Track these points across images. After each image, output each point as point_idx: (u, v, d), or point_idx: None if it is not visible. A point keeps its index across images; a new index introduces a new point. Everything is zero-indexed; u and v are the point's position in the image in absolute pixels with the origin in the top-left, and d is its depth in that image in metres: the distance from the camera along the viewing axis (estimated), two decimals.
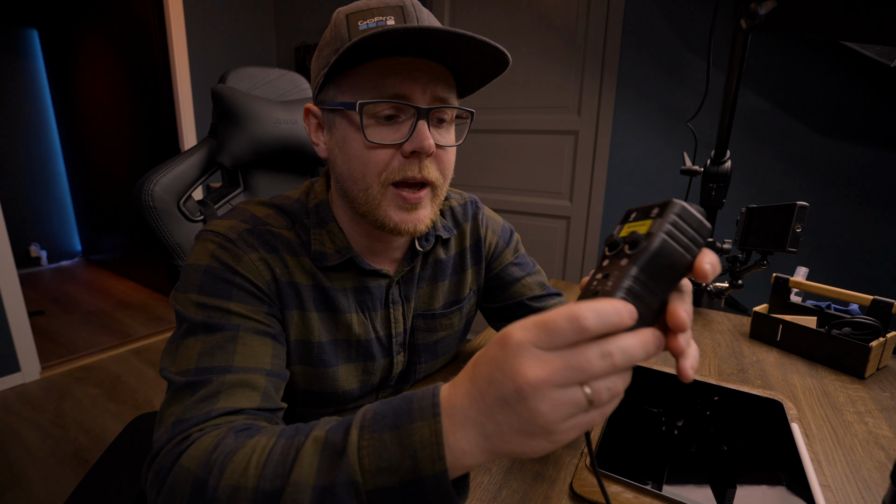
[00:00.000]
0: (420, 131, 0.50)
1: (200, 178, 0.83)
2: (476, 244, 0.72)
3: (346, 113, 0.52)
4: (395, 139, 0.51)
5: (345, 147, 0.53)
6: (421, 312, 0.67)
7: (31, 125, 3.64)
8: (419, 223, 0.54)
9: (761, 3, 0.86)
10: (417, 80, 0.50)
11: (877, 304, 0.81)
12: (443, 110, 0.53)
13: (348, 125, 0.52)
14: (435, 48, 0.49)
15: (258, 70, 0.95)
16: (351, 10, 0.52)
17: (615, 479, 0.50)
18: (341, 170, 0.54)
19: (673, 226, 0.30)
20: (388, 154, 0.51)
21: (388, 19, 0.50)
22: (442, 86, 0.52)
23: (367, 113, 0.50)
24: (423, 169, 0.52)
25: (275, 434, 0.38)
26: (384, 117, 0.51)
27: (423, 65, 0.51)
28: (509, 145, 2.29)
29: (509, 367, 0.28)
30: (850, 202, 1.64)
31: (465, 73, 0.55)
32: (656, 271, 0.30)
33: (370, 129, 0.51)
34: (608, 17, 1.93)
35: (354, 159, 0.52)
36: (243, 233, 0.54)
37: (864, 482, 0.52)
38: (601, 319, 0.27)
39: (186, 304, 0.49)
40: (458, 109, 0.55)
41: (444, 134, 0.55)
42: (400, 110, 0.51)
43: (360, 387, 0.63)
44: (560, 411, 0.28)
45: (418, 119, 0.50)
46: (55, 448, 1.72)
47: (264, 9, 2.95)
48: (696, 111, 1.16)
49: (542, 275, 0.78)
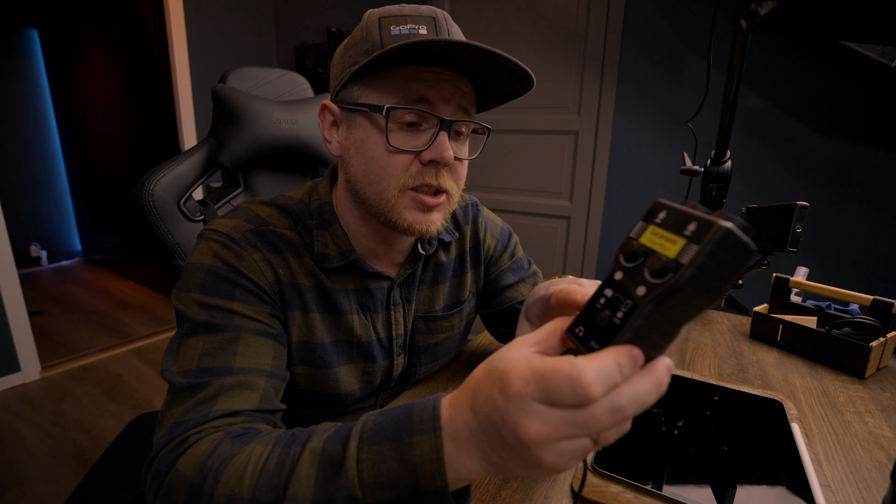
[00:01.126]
0: (440, 142, 0.51)
1: (201, 177, 0.83)
2: (475, 247, 0.73)
3: (370, 115, 0.52)
4: (415, 146, 0.51)
5: (363, 148, 0.53)
6: (421, 315, 0.67)
7: (31, 125, 3.64)
8: (432, 225, 0.55)
9: (761, 3, 0.86)
10: (443, 90, 0.51)
11: (877, 304, 0.81)
12: (462, 123, 0.54)
13: (370, 127, 0.52)
14: (464, 62, 0.50)
15: (258, 70, 0.95)
16: (384, 14, 0.52)
17: (615, 479, 0.50)
18: (356, 170, 0.54)
19: (709, 257, 0.23)
20: (407, 160, 0.52)
21: (420, 28, 0.51)
22: (466, 99, 0.53)
23: (392, 118, 0.51)
24: (439, 177, 0.53)
25: (271, 441, 0.38)
26: (407, 123, 0.51)
27: (450, 76, 0.51)
28: (509, 145, 2.29)
29: (510, 418, 0.27)
30: (850, 202, 1.64)
31: (487, 90, 0.56)
32: (677, 308, 0.25)
33: (393, 134, 0.51)
34: (608, 17, 1.93)
35: (373, 162, 0.52)
36: (247, 233, 0.54)
37: (864, 482, 0.52)
38: (606, 382, 0.25)
39: (189, 303, 0.49)
40: (476, 124, 0.56)
41: (460, 147, 0.56)
42: (423, 118, 0.51)
43: (360, 387, 0.63)
44: (565, 457, 0.27)
45: (440, 129, 0.51)
46: (55, 448, 1.72)
47: (264, 9, 2.95)
48: (696, 111, 1.16)
49: (536, 276, 0.77)
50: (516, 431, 0.27)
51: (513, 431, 0.27)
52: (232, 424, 0.43)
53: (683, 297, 0.24)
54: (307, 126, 0.92)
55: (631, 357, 0.26)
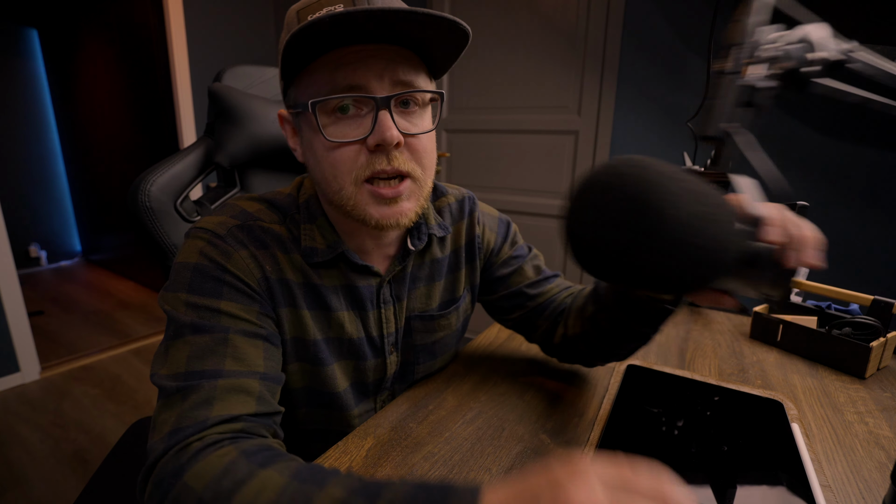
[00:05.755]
0: (382, 122, 0.47)
1: (197, 177, 0.82)
2: (470, 242, 0.70)
3: (306, 114, 0.49)
4: (357, 135, 0.48)
5: (312, 149, 0.51)
6: (418, 314, 0.66)
7: (30, 125, 3.64)
8: (402, 217, 0.51)
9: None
10: (371, 67, 0.47)
11: (877, 304, 0.80)
12: (410, 95, 0.49)
13: (310, 127, 0.50)
14: (384, 31, 0.45)
15: (254, 69, 0.95)
16: (301, 6, 0.49)
17: None
18: (314, 172, 0.53)
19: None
20: (353, 151, 0.49)
21: (336, 7, 0.46)
22: (403, 69, 0.48)
23: (323, 111, 0.48)
24: (392, 160, 0.49)
25: (288, 472, 0.37)
26: (340, 110, 0.48)
27: (376, 50, 0.47)
28: (509, 145, 2.29)
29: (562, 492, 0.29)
30: (850, 202, 1.63)
31: (428, 52, 0.51)
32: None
33: (329, 128, 0.48)
34: (608, 17, 1.93)
35: (322, 161, 0.50)
36: (233, 229, 0.52)
37: (864, 482, 0.52)
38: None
39: (176, 303, 0.48)
40: (426, 92, 0.51)
41: (415, 121, 0.51)
42: (359, 103, 0.48)
43: (352, 384, 0.62)
44: None
45: (378, 109, 0.47)
46: (55, 448, 1.72)
47: (264, 8, 2.95)
48: (696, 111, 1.16)
49: (538, 258, 0.76)
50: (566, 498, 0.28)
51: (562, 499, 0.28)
52: (234, 431, 0.42)
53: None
54: None
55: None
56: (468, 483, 0.33)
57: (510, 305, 0.73)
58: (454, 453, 0.55)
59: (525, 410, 0.64)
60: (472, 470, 0.52)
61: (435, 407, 0.65)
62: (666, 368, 0.74)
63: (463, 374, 0.74)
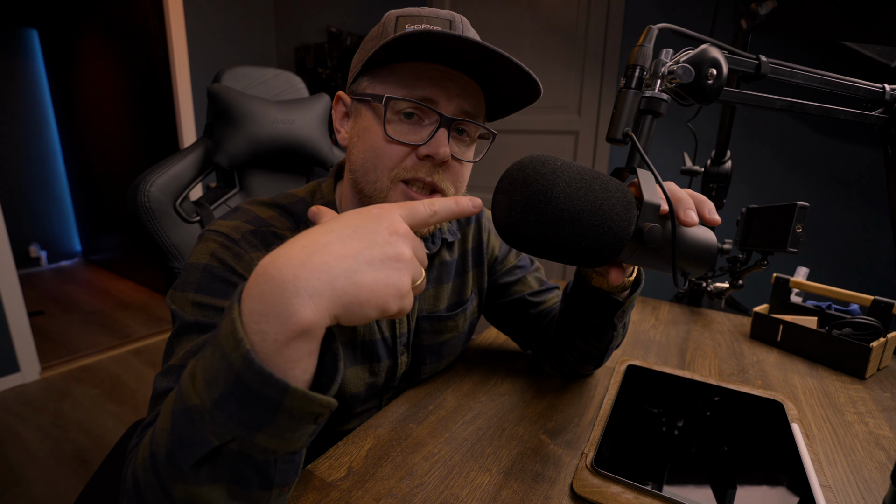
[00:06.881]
0: (439, 137, 0.51)
1: (196, 178, 0.82)
2: (478, 246, 0.73)
3: (373, 104, 0.53)
4: (413, 140, 0.52)
5: (364, 137, 0.54)
6: (427, 315, 0.67)
7: (30, 125, 3.64)
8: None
9: (761, 3, 0.86)
10: (447, 88, 0.52)
11: (877, 304, 0.80)
12: (466, 124, 0.54)
13: (372, 116, 0.53)
14: (471, 63, 0.50)
15: (253, 70, 0.95)
16: (402, 14, 0.54)
17: (615, 479, 0.50)
18: (356, 158, 0.55)
19: None
20: (403, 152, 0.52)
21: (435, 28, 0.51)
22: (471, 101, 0.54)
23: (392, 108, 0.52)
24: (434, 174, 0.53)
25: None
26: (406, 115, 0.52)
27: (456, 76, 0.52)
28: (509, 145, 2.29)
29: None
30: (850, 202, 1.63)
31: (496, 96, 0.57)
32: None
33: (392, 125, 0.52)
34: (608, 17, 1.93)
35: (371, 150, 0.53)
36: (247, 234, 0.53)
37: (864, 483, 0.52)
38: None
39: (182, 303, 0.49)
40: (481, 128, 0.56)
41: (464, 149, 0.56)
42: (425, 113, 0.52)
43: (366, 388, 0.62)
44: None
45: (440, 126, 0.51)
46: (55, 448, 1.72)
47: (264, 9, 2.95)
48: (697, 111, 1.16)
49: (540, 271, 0.80)
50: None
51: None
52: None
53: None
54: (304, 126, 0.92)
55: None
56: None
57: (512, 312, 0.76)
58: (454, 453, 0.55)
59: (525, 410, 0.64)
60: (472, 470, 0.52)
61: (435, 407, 0.65)
62: (666, 368, 0.74)
63: (463, 374, 0.74)
